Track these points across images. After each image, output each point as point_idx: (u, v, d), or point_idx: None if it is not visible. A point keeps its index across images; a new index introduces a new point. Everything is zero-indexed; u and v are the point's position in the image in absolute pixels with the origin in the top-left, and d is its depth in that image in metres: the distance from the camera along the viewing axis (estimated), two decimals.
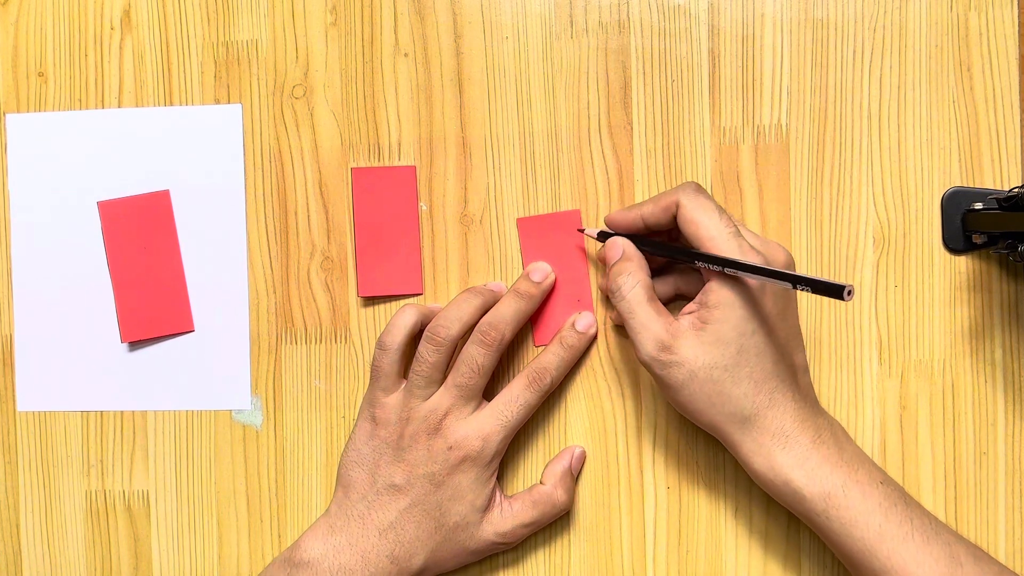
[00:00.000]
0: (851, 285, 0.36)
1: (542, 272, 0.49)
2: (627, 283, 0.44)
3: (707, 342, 0.42)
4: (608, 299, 0.49)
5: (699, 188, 0.44)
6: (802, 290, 0.38)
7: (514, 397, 0.47)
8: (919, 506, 0.43)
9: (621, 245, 0.46)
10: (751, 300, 0.42)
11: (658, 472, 0.50)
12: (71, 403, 0.53)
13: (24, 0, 0.53)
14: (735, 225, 0.43)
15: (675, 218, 0.44)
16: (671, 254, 0.45)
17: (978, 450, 0.48)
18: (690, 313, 0.43)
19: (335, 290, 0.51)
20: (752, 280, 0.42)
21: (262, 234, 0.52)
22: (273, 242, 0.52)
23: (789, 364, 0.44)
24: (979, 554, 0.42)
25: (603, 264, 0.47)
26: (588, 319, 0.49)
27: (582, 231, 0.49)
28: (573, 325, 0.48)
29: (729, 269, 0.41)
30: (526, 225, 0.50)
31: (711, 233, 0.42)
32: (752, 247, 0.42)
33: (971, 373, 0.48)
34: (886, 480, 0.43)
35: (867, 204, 0.49)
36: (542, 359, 0.48)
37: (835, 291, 0.36)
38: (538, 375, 0.47)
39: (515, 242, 0.50)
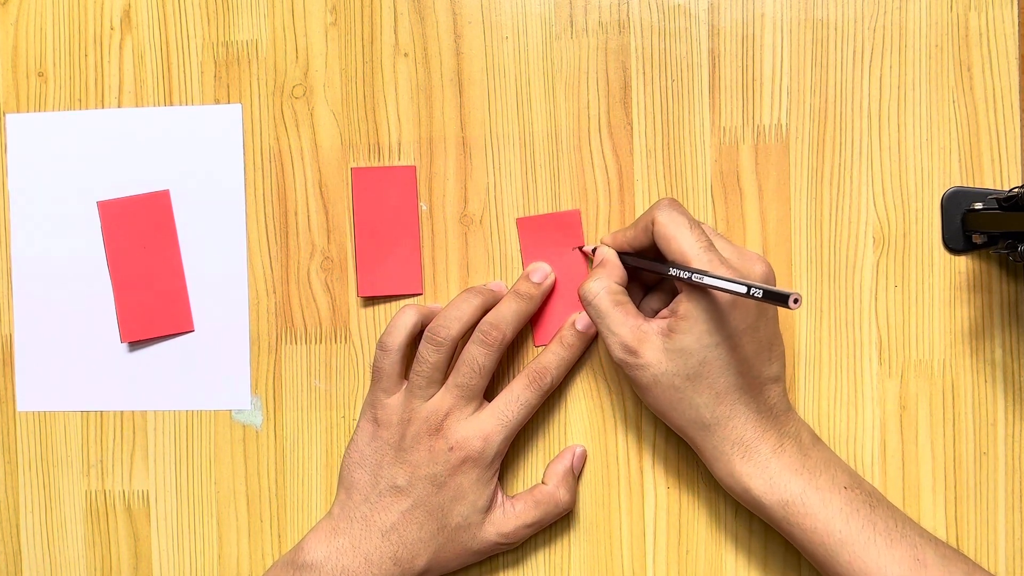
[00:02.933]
0: (797, 293, 0.37)
1: (542, 273, 0.49)
2: (592, 289, 0.45)
3: (671, 350, 0.43)
4: None
5: (673, 204, 0.44)
6: (755, 297, 0.38)
7: (514, 397, 0.47)
8: (888, 509, 0.43)
9: (603, 253, 0.47)
10: (718, 313, 0.42)
11: (658, 472, 0.50)
12: (71, 403, 0.53)
13: (24, 0, 0.53)
14: (708, 239, 0.43)
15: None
16: (642, 267, 0.46)
17: (978, 450, 0.48)
18: (662, 319, 0.44)
19: (335, 290, 0.51)
20: (722, 293, 0.42)
21: (262, 234, 0.52)
22: (273, 242, 0.52)
23: (755, 377, 0.44)
24: (948, 554, 0.43)
25: None
26: (588, 319, 0.49)
27: (581, 248, 0.49)
28: (573, 324, 0.48)
29: (696, 277, 0.41)
30: (526, 225, 0.50)
31: (683, 248, 0.43)
32: (724, 260, 0.42)
33: (971, 373, 0.48)
34: (852, 484, 0.44)
35: (867, 204, 0.49)
36: (542, 359, 0.48)
37: (782, 298, 0.37)
38: (538, 375, 0.47)
39: (515, 242, 0.50)
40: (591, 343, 0.49)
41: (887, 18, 0.48)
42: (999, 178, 0.48)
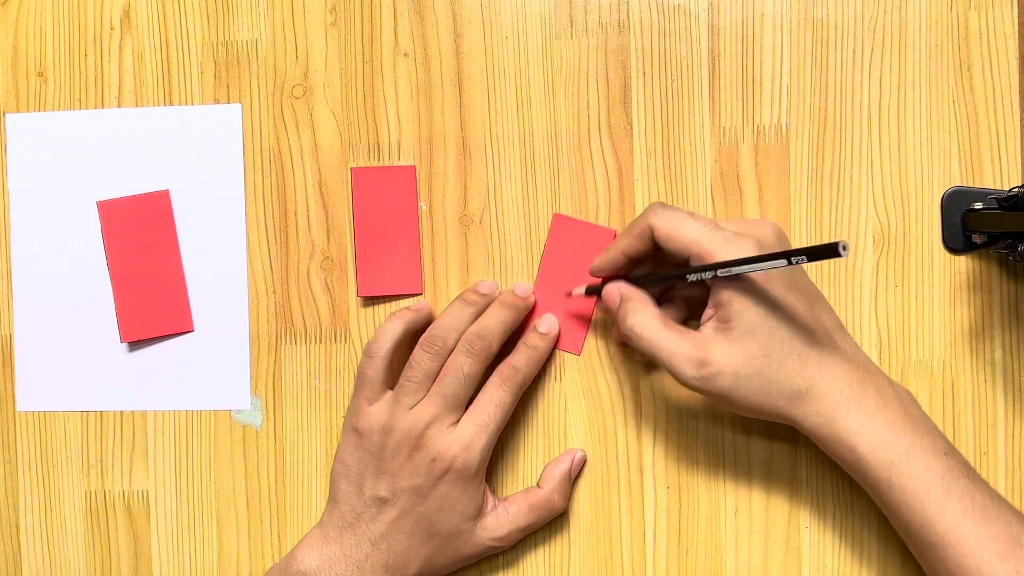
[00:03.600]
0: (844, 240, 0.35)
1: (524, 290, 0.49)
2: (637, 321, 0.44)
3: (737, 338, 0.42)
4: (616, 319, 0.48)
5: (664, 204, 0.44)
6: (799, 263, 0.38)
7: (489, 399, 0.46)
8: (983, 482, 0.42)
9: (617, 289, 0.46)
10: (758, 285, 0.42)
11: (658, 472, 0.50)
12: (71, 403, 0.53)
13: (24, 0, 0.53)
14: (712, 221, 0.43)
15: (653, 242, 0.44)
16: (664, 280, 0.45)
17: (978, 450, 0.48)
18: (709, 319, 0.43)
19: (335, 290, 0.51)
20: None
21: (262, 234, 0.52)
22: (273, 242, 0.52)
23: (823, 327, 0.43)
24: None
25: (613, 314, 0.46)
26: (550, 321, 0.49)
27: (569, 295, 0.49)
28: (536, 328, 0.49)
29: (722, 272, 0.41)
30: (561, 224, 0.50)
31: (692, 237, 0.42)
32: (737, 233, 0.42)
33: (971, 373, 0.48)
34: (950, 451, 0.42)
35: (867, 204, 0.49)
36: (511, 359, 0.48)
37: (830, 251, 0.35)
38: (509, 374, 0.47)
39: (515, 242, 0.50)
40: (554, 345, 0.49)
41: (887, 18, 0.48)
42: (999, 178, 0.48)
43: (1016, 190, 0.43)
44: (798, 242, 0.49)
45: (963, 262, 0.48)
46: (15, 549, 0.53)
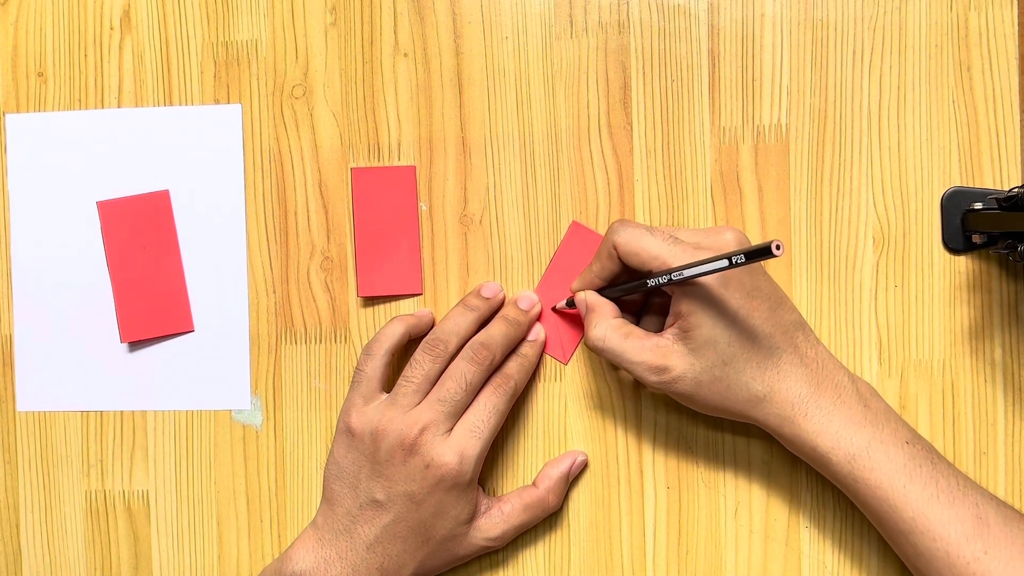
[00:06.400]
0: (777, 240, 0.36)
1: (529, 301, 0.49)
2: (597, 335, 0.45)
3: (695, 348, 0.43)
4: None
5: (624, 221, 0.45)
6: (738, 263, 0.39)
7: (482, 406, 0.46)
8: (947, 465, 0.43)
9: (583, 299, 0.47)
10: (716, 295, 0.43)
11: (658, 472, 0.50)
12: (71, 403, 0.53)
13: (24, 0, 0.53)
14: (670, 235, 0.44)
15: (621, 260, 0.45)
16: (624, 291, 0.46)
17: (978, 450, 0.48)
18: (671, 327, 0.44)
19: (335, 290, 0.51)
20: (709, 275, 0.42)
21: (262, 234, 0.52)
22: (273, 242, 0.52)
23: (783, 331, 0.44)
24: (1009, 514, 0.42)
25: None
26: (537, 330, 0.49)
27: (555, 309, 0.50)
28: (526, 337, 0.49)
29: (676, 276, 0.42)
30: (577, 232, 0.50)
31: (653, 252, 0.43)
32: (695, 245, 0.43)
33: (971, 373, 0.48)
34: (912, 439, 0.44)
35: (867, 204, 0.49)
36: (503, 367, 0.48)
37: (765, 251, 0.37)
38: (502, 381, 0.47)
39: (514, 242, 0.50)
40: (543, 351, 0.50)
41: (887, 18, 0.48)
42: (999, 178, 0.48)
43: (1016, 190, 0.43)
44: (797, 242, 0.49)
45: (963, 262, 0.48)
46: (15, 549, 0.53)
